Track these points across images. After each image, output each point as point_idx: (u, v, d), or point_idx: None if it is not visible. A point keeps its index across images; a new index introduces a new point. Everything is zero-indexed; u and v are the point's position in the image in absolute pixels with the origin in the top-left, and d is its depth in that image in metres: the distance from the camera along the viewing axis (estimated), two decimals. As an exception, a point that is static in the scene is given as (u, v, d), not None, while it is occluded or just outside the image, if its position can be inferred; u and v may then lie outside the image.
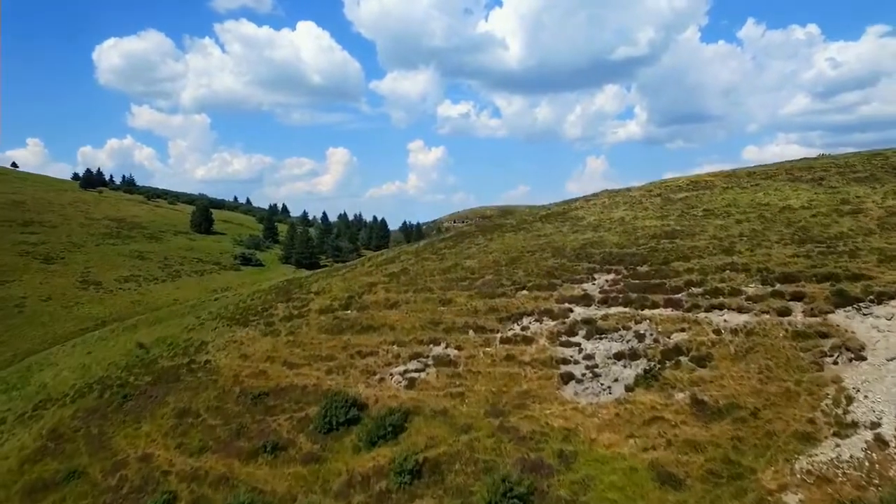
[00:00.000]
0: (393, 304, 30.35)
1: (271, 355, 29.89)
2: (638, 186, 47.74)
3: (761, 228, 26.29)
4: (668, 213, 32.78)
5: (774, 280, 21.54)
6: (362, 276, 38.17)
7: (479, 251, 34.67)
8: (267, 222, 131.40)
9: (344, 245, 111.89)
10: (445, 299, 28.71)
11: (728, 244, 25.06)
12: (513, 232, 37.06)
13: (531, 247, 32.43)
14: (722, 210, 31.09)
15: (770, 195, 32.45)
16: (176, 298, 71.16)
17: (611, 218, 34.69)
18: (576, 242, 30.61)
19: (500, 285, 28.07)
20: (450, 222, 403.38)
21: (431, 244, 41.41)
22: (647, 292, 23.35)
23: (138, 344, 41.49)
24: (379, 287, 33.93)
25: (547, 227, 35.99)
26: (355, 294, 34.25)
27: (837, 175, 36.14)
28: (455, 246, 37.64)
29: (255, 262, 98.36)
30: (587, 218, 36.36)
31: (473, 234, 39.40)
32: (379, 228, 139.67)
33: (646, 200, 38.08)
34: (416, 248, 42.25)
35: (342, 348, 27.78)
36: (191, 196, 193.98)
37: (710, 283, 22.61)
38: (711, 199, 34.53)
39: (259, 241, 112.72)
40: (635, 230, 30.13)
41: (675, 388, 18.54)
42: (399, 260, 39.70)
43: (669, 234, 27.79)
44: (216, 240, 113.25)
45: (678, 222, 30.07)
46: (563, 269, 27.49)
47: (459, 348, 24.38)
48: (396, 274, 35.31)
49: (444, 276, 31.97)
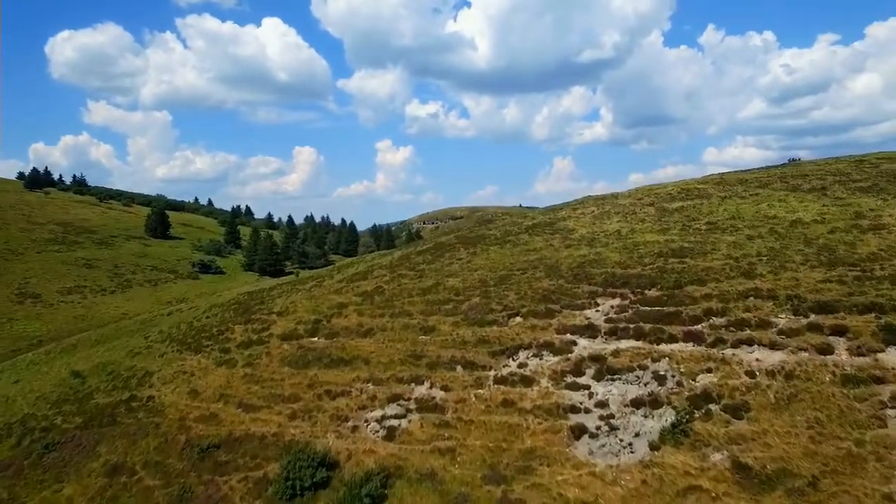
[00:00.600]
0: (367, 332, 26.65)
1: (225, 393, 25.79)
2: (625, 193, 45.24)
3: (779, 246, 23.73)
4: (668, 225, 30.08)
5: (808, 310, 18.85)
6: (331, 295, 34.27)
7: (462, 268, 31.27)
8: (229, 226, 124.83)
9: (311, 250, 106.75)
10: (427, 326, 25.20)
11: (747, 265, 22.35)
12: (498, 245, 33.81)
13: (521, 264, 29.22)
14: (727, 223, 28.55)
15: (775, 206, 30.13)
16: (125, 312, 65.34)
17: (605, 230, 31.81)
18: (571, 260, 27.54)
19: (490, 310, 24.73)
20: (420, 223, 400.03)
21: (408, 257, 37.81)
22: (662, 322, 20.39)
23: (73, 372, 36.46)
24: (350, 309, 30.15)
25: (536, 241, 32.87)
26: (323, 317, 30.37)
27: (838, 184, 34.23)
28: (434, 261, 34.14)
29: (215, 270, 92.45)
30: (578, 230, 33.41)
31: (454, 247, 36.00)
32: (348, 232, 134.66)
33: (639, 210, 35.42)
34: (391, 262, 38.58)
35: (308, 386, 23.94)
36: (148, 197, 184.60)
37: (733, 312, 19.80)
38: (711, 209, 32.05)
39: (220, 247, 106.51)
40: (636, 246, 27.26)
41: (710, 447, 15.54)
42: (372, 275, 35.95)
43: (677, 253, 24.98)
44: (173, 245, 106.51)
45: (683, 237, 27.34)
46: (561, 291, 24.36)
47: (446, 389, 20.93)
48: (370, 293, 31.58)
49: (424, 297, 28.44)
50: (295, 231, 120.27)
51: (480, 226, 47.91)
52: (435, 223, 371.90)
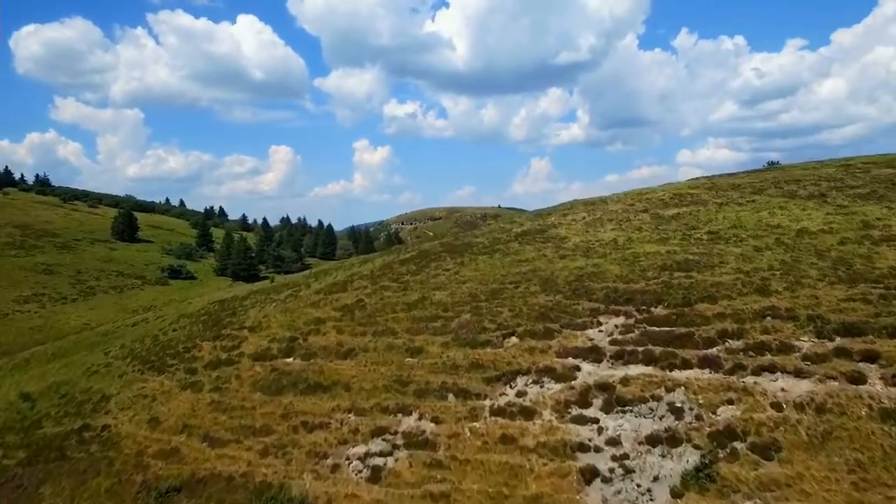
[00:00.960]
0: (347, 352, 24.38)
1: (189, 423, 23.22)
2: (615, 198, 43.77)
3: (790, 259, 22.26)
4: (667, 234, 28.51)
5: (833, 332, 17.31)
6: (308, 308, 31.83)
7: (449, 279, 29.19)
8: (201, 228, 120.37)
9: (286, 254, 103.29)
10: (414, 347, 23.06)
11: (760, 280, 20.79)
12: (487, 255, 31.83)
13: (513, 276, 27.28)
14: (729, 233, 27.09)
15: (777, 214, 28.82)
16: (87, 322, 61.51)
17: (600, 239, 30.10)
18: (567, 272, 25.70)
19: (482, 329, 22.71)
20: (398, 224, 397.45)
21: (390, 266, 35.56)
22: (673, 345, 18.65)
23: (22, 394, 33.27)
24: (329, 325, 27.81)
25: (527, 250, 30.99)
26: (299, 334, 27.97)
27: (835, 191, 33.21)
28: (419, 271, 31.99)
29: (185, 275, 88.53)
30: (571, 238, 31.65)
31: (440, 256, 33.89)
32: (325, 234, 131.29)
33: (633, 217, 33.85)
34: (372, 271, 36.28)
35: (282, 416, 21.57)
36: (116, 198, 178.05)
37: (750, 334, 18.16)
38: (709, 217, 30.63)
39: (191, 250, 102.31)
40: (636, 258, 25.56)
41: (740, 493, 13.78)
42: (352, 286, 33.62)
43: (682, 266, 23.32)
44: (141, 249, 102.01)
45: (685, 248, 25.75)
46: (559, 308, 22.47)
47: (437, 421, 18.83)
48: (350, 308, 29.28)
49: (409, 313, 26.28)
50: (270, 233, 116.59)
51: (465, 231, 45.89)
52: (413, 224, 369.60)
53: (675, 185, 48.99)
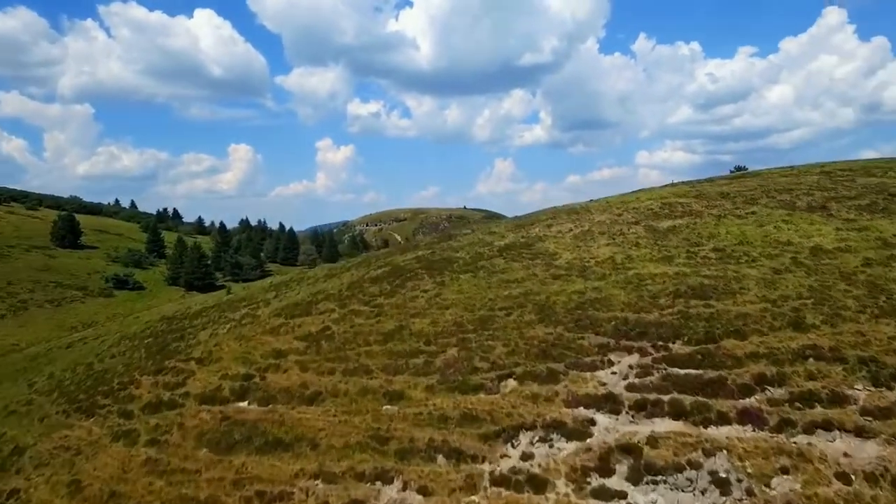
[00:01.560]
0: (313, 396, 20.66)
1: (118, 490, 19.02)
2: (597, 206, 41.32)
3: (817, 285, 19.88)
4: (670, 252, 25.94)
5: (890, 378, 14.81)
6: (266, 336, 27.84)
7: (429, 303, 25.79)
8: (152, 232, 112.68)
9: (245, 261, 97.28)
10: (393, 391, 19.56)
11: (790, 311, 18.26)
12: (470, 273, 28.57)
13: (503, 300, 24.12)
14: (737, 250, 24.71)
15: (783, 229, 26.68)
16: (16, 343, 55.12)
17: (595, 257, 27.30)
18: (566, 298, 22.72)
19: (473, 369, 19.43)
20: (362, 225, 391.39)
21: (360, 285, 31.86)
22: (703, 393, 15.82)
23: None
24: (291, 360, 23.99)
25: (514, 268, 27.90)
26: (256, 370, 24.05)
27: (833, 201, 31.51)
28: (394, 292, 28.45)
29: (133, 285, 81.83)
30: (562, 255, 28.76)
31: (416, 274, 30.43)
32: (286, 239, 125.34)
33: (626, 230, 31.26)
34: (340, 290, 32.49)
35: (233, 483, 17.70)
36: (59, 199, 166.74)
37: (792, 379, 15.50)
38: (710, 231, 28.29)
39: (140, 257, 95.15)
40: (642, 281, 22.81)
41: None
42: (317, 308, 29.79)
43: (698, 292, 20.64)
44: (84, 256, 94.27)
45: (694, 269, 23.16)
46: (563, 344, 19.42)
47: (425, 492, 15.43)
48: (315, 337, 25.51)
49: (385, 345, 22.76)
50: (227, 238, 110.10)
51: (440, 241, 42.57)
52: (378, 225, 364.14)
53: (658, 191, 47.05)
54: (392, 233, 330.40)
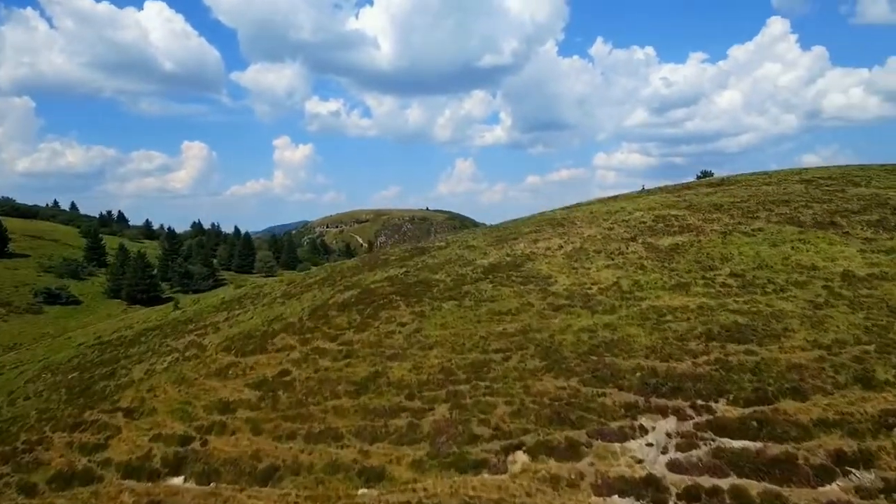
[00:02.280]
0: (268, 472, 16.37)
1: None
2: (582, 215, 38.27)
3: (871, 325, 17.06)
4: (683, 277, 22.86)
5: None
6: (212, 380, 23.25)
7: (408, 341, 21.82)
8: (92, 238, 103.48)
9: (196, 270, 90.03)
10: (370, 468, 15.51)
11: (852, 361, 15.27)
12: (454, 301, 24.75)
13: (497, 339, 20.41)
14: (760, 276, 21.84)
15: (802, 250, 24.05)
16: (-81, 372, 47.57)
17: (597, 282, 23.97)
18: (574, 338, 19.20)
19: (471, 437, 15.60)
20: (323, 227, 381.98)
21: (324, 313, 27.51)
22: (770, 477, 12.52)
23: None
24: (241, 416, 19.58)
25: (505, 295, 24.25)
26: (197, 429, 19.52)
27: (839, 216, 29.34)
28: (365, 325, 24.32)
29: (66, 299, 73.98)
30: (558, 278, 25.32)
31: (390, 301, 26.36)
32: (242, 244, 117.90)
33: (624, 248, 28.14)
34: (300, 318, 28.06)
35: None
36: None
37: (881, 458, 12.38)
38: (719, 251, 25.45)
39: (77, 267, 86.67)
40: (660, 316, 19.54)
41: None
42: (273, 343, 25.34)
43: (733, 333, 17.48)
44: (12, 266, 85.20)
45: (719, 301, 20.08)
46: (579, 402, 15.85)
47: None
48: (271, 384, 21.14)
49: (357, 399, 18.66)
50: (177, 244, 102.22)
51: (412, 255, 38.59)
52: (339, 227, 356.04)
53: (639, 198, 44.52)
54: (353, 235, 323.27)
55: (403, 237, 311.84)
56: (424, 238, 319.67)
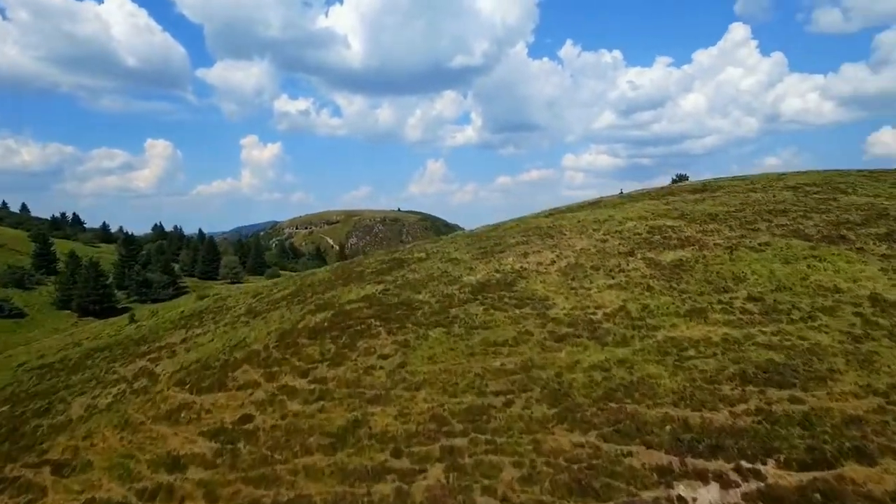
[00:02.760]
0: (223, 559, 13.29)
1: None
2: (568, 224, 36.04)
3: (924, 363, 14.99)
4: (696, 301, 20.65)
5: None
6: (161, 425, 19.92)
7: (392, 379, 18.94)
8: (41, 243, 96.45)
9: (155, 277, 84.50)
10: (351, 552, 12.61)
11: (917, 413, 13.13)
12: (441, 327, 21.97)
13: (495, 376, 17.75)
14: (780, 299, 19.79)
15: (819, 269, 22.17)
16: None
17: (600, 305, 21.58)
18: (583, 376, 16.69)
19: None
20: (291, 228, 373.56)
21: (294, 340, 24.33)
22: (850, 571, 10.16)
23: None
24: (192, 476, 16.39)
25: (499, 321, 21.61)
26: (139, 493, 16.23)
27: (845, 228, 27.78)
28: (340, 358, 21.32)
29: (9, 312, 68.04)
30: (556, 300, 22.84)
31: (369, 326, 23.41)
32: (206, 248, 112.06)
33: (623, 263, 25.92)
34: (266, 345, 24.84)
35: None
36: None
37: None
38: (729, 268, 23.42)
39: (23, 275, 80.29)
40: (681, 350, 17.22)
41: None
42: (234, 379, 22.12)
43: (772, 375, 15.23)
44: (-50, 275, 78.32)
45: (742, 330, 17.88)
46: (602, 464, 13.30)
47: None
48: (230, 434, 17.96)
49: (333, 456, 15.69)
50: (134, 249, 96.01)
51: (390, 267, 35.68)
52: (308, 228, 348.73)
53: (630, 205, 42.61)
54: (324, 236, 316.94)
55: (375, 238, 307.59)
56: (396, 239, 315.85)
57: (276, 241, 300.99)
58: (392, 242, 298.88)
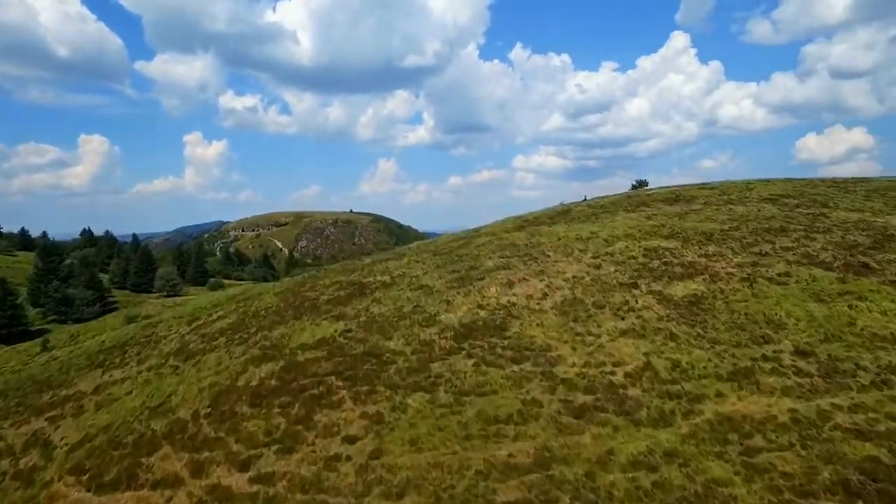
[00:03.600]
0: None
1: None
2: (545, 239, 32.21)
3: None
4: (735, 355, 17.01)
5: None
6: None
7: (363, 480, 14.18)
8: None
9: (77, 293, 74.75)
10: None
11: None
12: (423, 391, 17.37)
13: (501, 474, 13.36)
14: (833, 353, 16.45)
15: (861, 308, 19.11)
16: None
17: (619, 360, 17.61)
18: (625, 480, 12.58)
19: None
20: (238, 231, 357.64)
21: (233, 413, 19.10)
22: None
23: None
24: None
25: (495, 384, 17.23)
26: None
27: (860, 254, 25.20)
28: (294, 442, 16.34)
29: None
30: (561, 351, 18.72)
31: (330, 391, 18.49)
32: (139, 258, 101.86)
33: (629, 298, 22.18)
34: (196, 416, 19.47)
35: None
36: None
37: None
38: (753, 306, 20.06)
39: (-85, 294, 69.18)
40: (745, 436, 13.39)
41: None
42: (148, 470, 16.77)
43: (885, 486, 11.53)
44: None
45: (811, 404, 14.30)
46: None
47: None
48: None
49: None
50: (53, 260, 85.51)
51: (349, 294, 30.76)
52: (256, 230, 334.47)
53: (610, 219, 39.29)
54: (272, 238, 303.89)
55: (326, 241, 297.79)
56: (349, 242, 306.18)
57: (222, 243, 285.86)
58: (344, 245, 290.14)
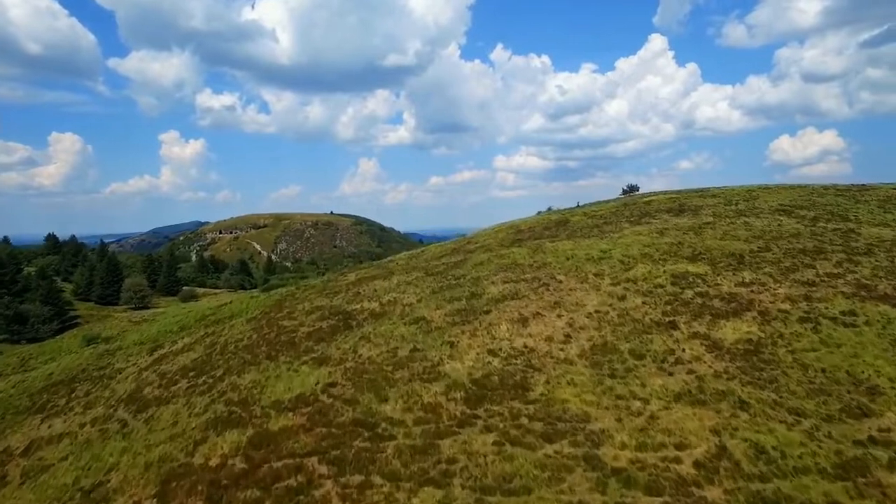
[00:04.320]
0: None
1: None
2: (551, 258, 28.46)
3: None
4: (834, 436, 13.38)
5: None
6: None
7: None
8: None
9: (32, 310, 68.15)
10: None
11: None
12: (433, 486, 13.34)
13: None
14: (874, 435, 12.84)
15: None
16: None
17: (681, 441, 13.80)
18: None
19: None
20: (215, 232, 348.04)
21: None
22: None
23: None
24: None
25: (528, 475, 13.28)
26: None
27: (886, 281, 21.97)
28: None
29: None
30: (603, 423, 14.86)
31: (312, 485, 14.38)
32: (105, 268, 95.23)
33: (670, 342, 18.46)
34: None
35: None
36: None
37: None
38: (830, 360, 16.50)
39: None
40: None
41: None
42: None
43: None
44: None
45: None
46: None
47: None
48: None
49: None
50: (8, 273, 78.80)
51: (335, 332, 26.69)
52: (234, 232, 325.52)
53: (619, 235, 35.79)
54: (251, 241, 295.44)
55: (306, 244, 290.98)
56: (329, 244, 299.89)
57: (198, 246, 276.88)
58: (325, 248, 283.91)
